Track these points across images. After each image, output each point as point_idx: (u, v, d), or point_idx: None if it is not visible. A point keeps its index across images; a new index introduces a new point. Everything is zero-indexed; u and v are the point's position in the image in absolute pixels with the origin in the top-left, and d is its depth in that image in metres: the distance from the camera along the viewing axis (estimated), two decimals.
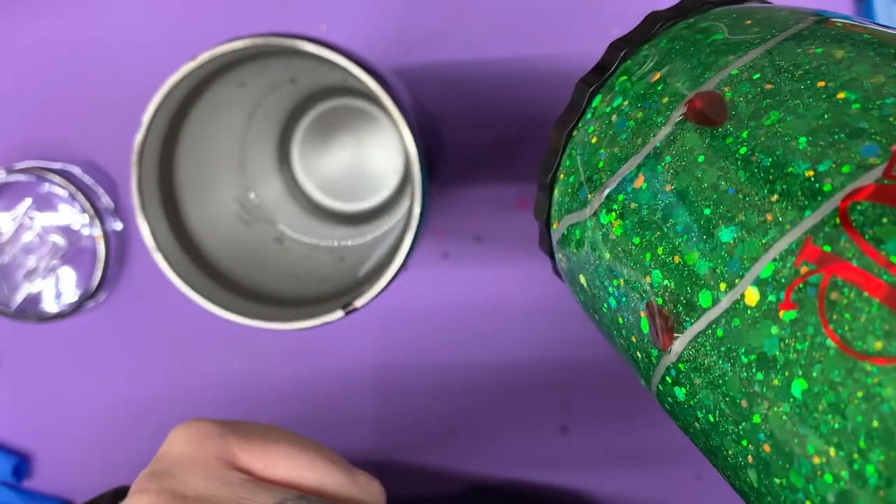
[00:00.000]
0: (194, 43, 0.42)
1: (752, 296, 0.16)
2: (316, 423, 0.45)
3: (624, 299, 0.20)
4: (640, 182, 0.19)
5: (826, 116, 0.16)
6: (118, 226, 0.43)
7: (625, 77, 0.21)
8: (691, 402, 0.18)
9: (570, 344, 0.44)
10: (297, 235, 0.36)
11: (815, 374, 0.15)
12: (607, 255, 0.20)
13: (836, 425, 0.15)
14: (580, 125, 0.22)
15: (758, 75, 0.18)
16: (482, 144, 0.42)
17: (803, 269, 0.15)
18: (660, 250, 0.18)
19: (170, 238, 0.29)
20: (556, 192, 0.23)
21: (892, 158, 0.15)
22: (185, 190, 0.30)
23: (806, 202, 0.16)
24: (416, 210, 0.26)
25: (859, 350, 0.14)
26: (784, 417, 0.15)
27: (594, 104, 0.22)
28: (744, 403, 0.16)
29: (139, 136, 0.27)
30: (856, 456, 0.14)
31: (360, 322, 0.44)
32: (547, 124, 0.42)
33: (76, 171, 0.42)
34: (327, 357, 0.44)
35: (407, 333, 0.44)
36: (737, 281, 0.16)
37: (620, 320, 0.20)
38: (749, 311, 0.16)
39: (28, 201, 0.42)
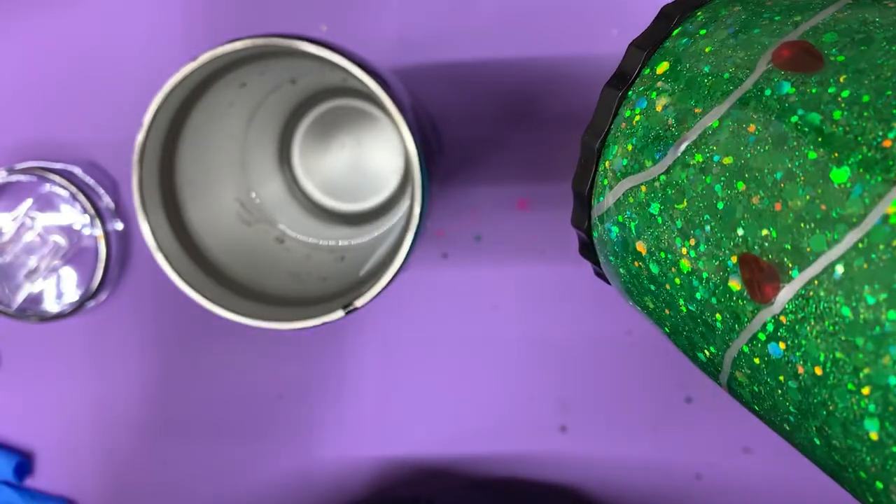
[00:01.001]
0: (195, 44, 0.42)
1: (879, 233, 0.16)
2: (316, 422, 0.45)
3: (704, 258, 0.19)
4: (725, 133, 0.19)
5: None
6: (119, 226, 0.43)
7: (685, 38, 0.21)
8: (791, 358, 0.18)
9: (569, 344, 0.44)
10: (298, 235, 0.36)
11: None
12: (684, 213, 0.20)
13: None
14: (637, 86, 0.22)
15: (844, 26, 0.19)
16: (482, 144, 0.43)
17: None
18: (755, 200, 0.18)
19: (171, 238, 0.29)
20: (607, 157, 0.22)
21: None
22: (186, 190, 0.30)
23: None
24: (416, 210, 0.26)
25: None
26: None
27: (653, 64, 0.22)
28: (869, 347, 0.16)
29: (140, 137, 0.27)
30: None
31: (361, 321, 0.44)
32: (547, 124, 0.42)
33: (77, 171, 0.42)
34: (327, 356, 0.45)
35: (407, 333, 0.44)
36: (854, 220, 0.16)
37: (695, 282, 0.20)
38: (877, 249, 0.16)
39: (29, 201, 0.43)
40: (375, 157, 0.38)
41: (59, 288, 0.43)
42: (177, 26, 0.42)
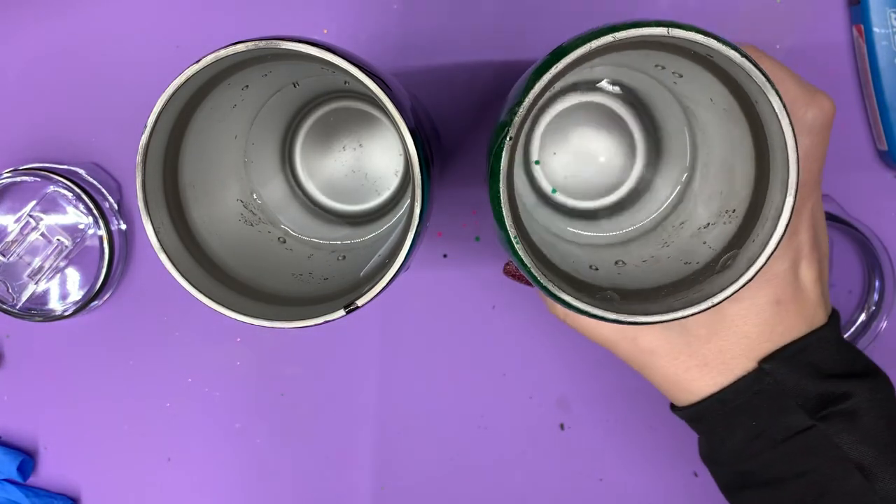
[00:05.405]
0: (198, 46, 0.42)
1: None
2: (318, 420, 0.45)
3: None
4: None
5: None
6: (123, 226, 0.44)
7: None
8: None
9: (568, 343, 0.44)
10: (300, 235, 0.37)
11: None
12: None
13: None
14: None
15: None
16: (482, 145, 0.43)
17: None
18: None
19: (174, 238, 0.29)
20: None
21: None
22: (189, 191, 0.31)
23: None
24: (417, 210, 0.27)
25: None
26: None
27: None
28: None
29: (144, 138, 0.27)
30: None
31: (362, 321, 0.44)
32: None
33: (81, 172, 0.43)
34: (329, 355, 0.45)
35: (407, 332, 0.44)
36: None
37: None
38: None
39: (34, 202, 0.43)
40: (376, 159, 0.38)
41: (64, 288, 0.44)
42: (180, 29, 0.43)
